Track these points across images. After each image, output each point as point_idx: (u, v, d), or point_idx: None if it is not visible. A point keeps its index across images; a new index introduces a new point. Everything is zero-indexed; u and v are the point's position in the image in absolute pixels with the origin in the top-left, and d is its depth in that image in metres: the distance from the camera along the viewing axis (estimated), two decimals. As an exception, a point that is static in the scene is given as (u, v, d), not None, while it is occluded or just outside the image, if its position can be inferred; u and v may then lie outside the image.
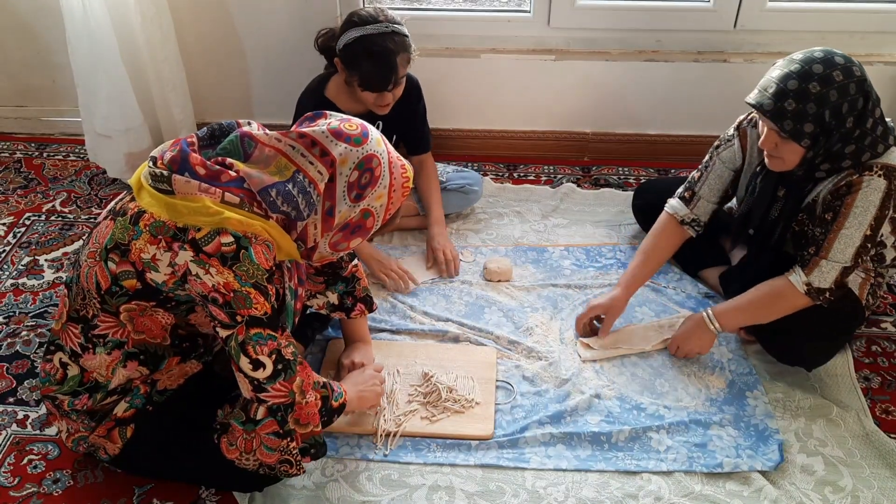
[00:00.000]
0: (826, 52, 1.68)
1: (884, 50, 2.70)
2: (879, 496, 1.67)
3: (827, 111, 1.65)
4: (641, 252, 2.08)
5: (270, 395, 1.43)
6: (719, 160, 2.02)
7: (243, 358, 1.40)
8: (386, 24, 2.05)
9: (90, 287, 1.43)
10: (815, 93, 1.64)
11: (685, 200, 2.06)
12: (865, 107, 1.67)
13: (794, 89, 1.65)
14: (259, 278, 1.37)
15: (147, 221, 1.37)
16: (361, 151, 1.43)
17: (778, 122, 1.68)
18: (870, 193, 1.71)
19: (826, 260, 1.76)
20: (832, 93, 1.64)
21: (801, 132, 1.67)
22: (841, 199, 1.74)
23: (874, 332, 2.11)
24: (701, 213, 2.05)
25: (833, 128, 1.66)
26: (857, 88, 1.65)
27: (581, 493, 1.68)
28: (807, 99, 1.65)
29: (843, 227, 1.73)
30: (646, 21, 2.70)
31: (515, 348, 2.05)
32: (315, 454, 1.55)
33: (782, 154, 1.75)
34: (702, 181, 2.04)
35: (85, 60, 2.50)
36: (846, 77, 1.64)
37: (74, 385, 1.53)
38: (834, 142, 1.68)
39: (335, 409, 1.59)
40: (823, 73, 1.64)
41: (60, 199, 2.67)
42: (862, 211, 1.72)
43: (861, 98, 1.66)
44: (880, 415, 1.87)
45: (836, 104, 1.64)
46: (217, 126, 1.50)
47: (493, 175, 2.82)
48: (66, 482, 1.70)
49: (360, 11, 2.09)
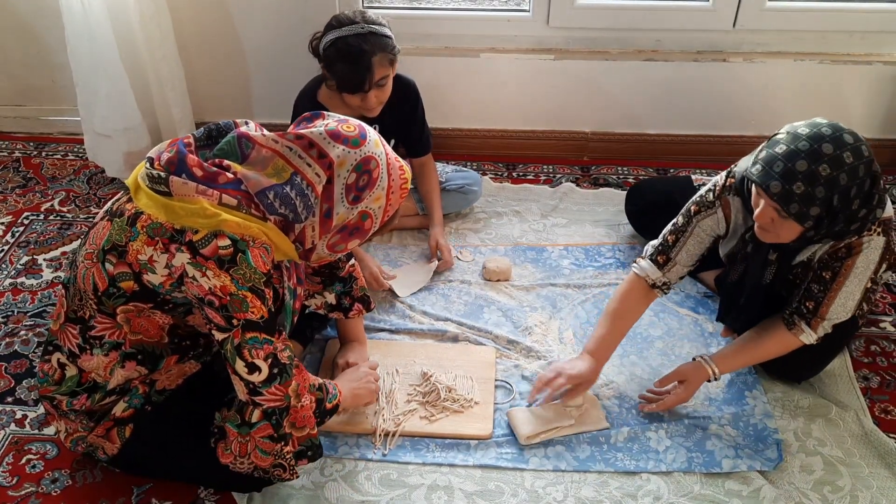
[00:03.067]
0: (833, 128, 1.55)
1: (883, 49, 2.70)
2: (878, 496, 1.67)
3: (836, 195, 1.51)
4: (608, 315, 1.91)
5: (265, 398, 1.43)
6: (700, 228, 1.87)
7: (239, 361, 1.39)
8: (362, 24, 2.03)
9: (87, 288, 1.43)
10: (825, 176, 1.50)
11: (658, 265, 1.89)
12: (873, 187, 1.57)
13: (803, 171, 1.50)
14: (256, 282, 1.36)
15: (144, 223, 1.37)
16: (359, 153, 1.42)
17: (784, 205, 1.54)
18: (870, 253, 1.66)
19: (827, 319, 1.72)
20: (842, 176, 1.50)
21: (806, 215, 1.53)
22: (841, 261, 1.68)
23: (873, 331, 2.11)
24: (672, 278, 1.92)
25: (839, 210, 1.55)
26: (866, 170, 1.54)
27: (580, 492, 1.68)
28: (816, 182, 1.50)
29: (844, 285, 1.68)
30: (645, 21, 2.70)
31: (514, 348, 2.04)
32: (312, 456, 1.55)
33: (778, 230, 1.62)
34: (678, 247, 1.88)
35: (84, 60, 2.50)
36: (856, 159, 1.51)
37: (73, 385, 1.53)
38: (838, 223, 1.58)
39: (328, 410, 1.59)
40: (834, 153, 1.50)
41: (59, 198, 2.67)
42: (863, 270, 1.67)
43: (869, 180, 1.55)
44: (879, 414, 1.87)
45: (846, 187, 1.51)
46: (214, 126, 1.49)
47: (492, 174, 2.82)
48: (65, 482, 1.70)
49: (340, 14, 2.07)
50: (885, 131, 2.79)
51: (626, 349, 2.04)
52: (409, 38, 2.76)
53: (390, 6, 2.86)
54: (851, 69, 2.68)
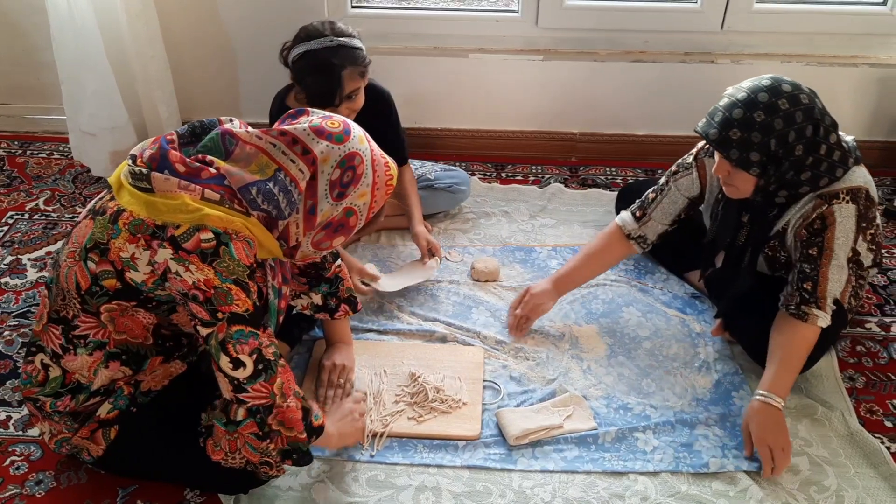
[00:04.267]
0: (773, 79, 1.67)
1: (869, 52, 2.71)
2: (864, 495, 1.67)
3: (773, 140, 1.64)
4: (582, 254, 2.06)
5: (250, 395, 1.41)
6: (675, 187, 2.00)
7: (223, 357, 1.38)
8: (331, 37, 1.98)
9: (70, 287, 1.42)
10: (760, 121, 1.63)
11: (636, 218, 2.04)
12: (816, 134, 1.66)
13: (738, 118, 1.65)
14: (240, 274, 1.36)
15: (126, 220, 1.35)
16: (343, 149, 1.42)
17: (724, 150, 1.68)
18: (845, 222, 1.72)
19: (829, 294, 1.75)
20: (777, 121, 1.63)
21: (748, 161, 1.67)
22: (821, 236, 1.73)
23: (859, 332, 2.12)
24: (649, 233, 2.03)
25: (781, 156, 1.65)
26: (805, 116, 1.63)
27: (568, 493, 1.67)
28: (751, 128, 1.64)
29: (833, 258, 1.73)
30: (633, 21, 2.71)
31: (502, 348, 2.04)
32: (297, 460, 1.51)
33: (735, 182, 1.75)
34: (655, 203, 2.02)
35: (70, 58, 2.48)
36: (792, 105, 1.63)
37: (56, 386, 1.51)
38: (785, 170, 1.67)
39: (314, 427, 1.53)
40: (769, 101, 1.63)
41: (44, 197, 2.65)
42: (843, 241, 1.73)
43: (810, 126, 1.64)
44: (865, 414, 1.88)
45: (782, 133, 1.63)
46: (198, 123, 1.48)
47: (480, 175, 2.81)
48: (49, 483, 1.69)
49: (309, 26, 2.02)
50: (871, 133, 2.81)
51: (613, 350, 2.04)
52: (398, 38, 2.77)
53: (379, 6, 2.86)
54: (838, 71, 2.69)
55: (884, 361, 2.04)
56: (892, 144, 2.83)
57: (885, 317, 2.18)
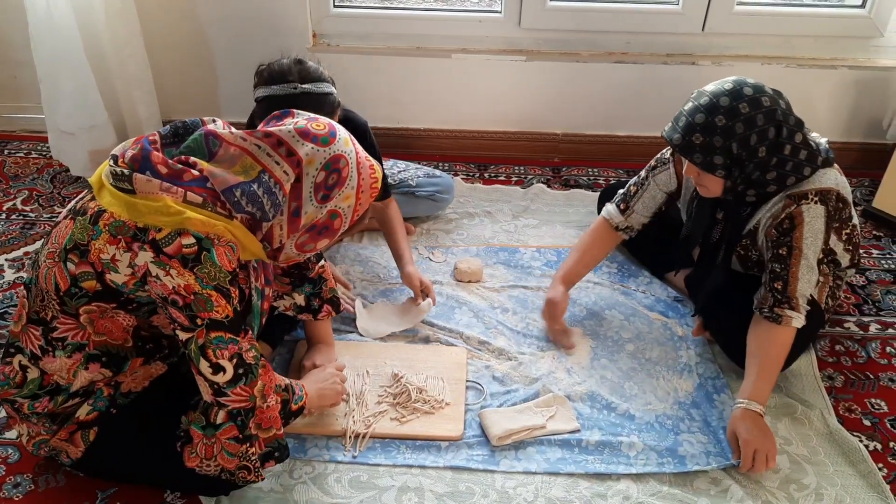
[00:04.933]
0: (736, 83, 1.70)
1: (847, 54, 2.75)
2: (842, 493, 1.69)
3: (734, 143, 1.67)
4: (577, 249, 2.14)
5: (231, 399, 1.41)
6: (654, 182, 2.05)
7: (203, 362, 1.37)
8: (294, 84, 1.83)
9: (49, 288, 1.40)
10: (721, 126, 1.67)
11: (620, 210, 2.10)
12: (779, 135, 1.69)
13: (700, 123, 1.68)
14: (221, 280, 1.35)
15: (107, 221, 1.34)
16: (329, 151, 1.41)
17: (688, 155, 1.72)
18: (813, 223, 1.74)
19: (799, 294, 1.77)
20: (738, 125, 1.66)
21: (712, 164, 1.71)
22: (789, 235, 1.76)
23: (837, 331, 2.15)
24: (634, 223, 2.10)
25: (745, 158, 1.69)
26: (766, 118, 1.67)
27: (550, 492, 1.68)
28: (713, 132, 1.67)
29: (802, 259, 1.76)
30: (615, 23, 2.72)
31: (485, 349, 2.04)
32: (279, 457, 1.53)
33: (704, 183, 1.79)
34: (636, 198, 2.08)
35: (48, 56, 2.45)
36: (753, 109, 1.66)
37: (34, 388, 1.49)
38: (750, 171, 1.71)
39: (294, 411, 1.57)
40: (730, 105, 1.66)
41: (22, 197, 2.62)
42: (812, 240, 1.75)
43: (772, 127, 1.67)
44: (843, 413, 1.90)
45: (744, 136, 1.67)
46: (181, 124, 1.47)
47: (463, 175, 2.81)
48: (27, 486, 1.67)
49: (273, 65, 1.87)
50: (849, 134, 2.85)
51: (596, 353, 2.05)
52: (381, 38, 2.76)
53: (361, 5, 2.85)
54: (817, 73, 2.72)
55: (862, 361, 2.06)
56: (869, 146, 2.87)
57: (863, 316, 2.20)
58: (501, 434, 1.76)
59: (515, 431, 1.77)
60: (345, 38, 2.77)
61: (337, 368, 1.84)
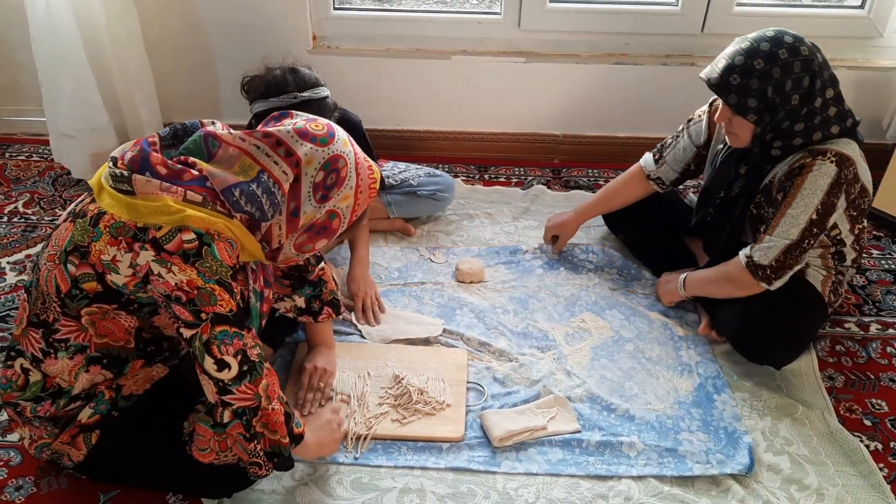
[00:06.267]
0: (778, 31, 1.75)
1: (847, 55, 2.75)
2: (843, 493, 1.69)
3: (770, 87, 1.71)
4: (606, 189, 2.26)
5: (236, 397, 1.41)
6: (687, 133, 2.11)
7: (208, 358, 1.37)
8: (294, 94, 1.89)
9: (50, 291, 1.40)
10: (759, 69, 1.71)
11: (655, 160, 2.17)
12: (812, 86, 1.72)
13: (739, 65, 1.73)
14: (223, 274, 1.35)
15: (107, 222, 1.34)
16: (327, 152, 1.42)
17: (723, 95, 1.76)
18: (819, 177, 1.76)
19: (770, 236, 1.81)
20: (776, 70, 1.70)
21: (745, 107, 1.74)
22: (791, 181, 1.79)
23: (838, 332, 2.15)
24: (664, 176, 2.16)
25: (778, 104, 1.72)
26: (803, 67, 1.71)
27: (552, 493, 1.68)
28: (750, 74, 1.71)
29: (791, 206, 1.78)
30: (615, 24, 2.73)
31: (486, 350, 2.05)
32: (278, 463, 1.50)
33: (735, 129, 1.82)
34: (670, 148, 2.15)
35: (49, 59, 2.46)
36: (791, 55, 1.71)
37: (37, 391, 1.50)
38: (781, 118, 1.74)
39: (296, 435, 1.52)
40: (770, 50, 1.71)
41: (23, 200, 2.62)
42: (809, 193, 1.76)
43: (807, 77, 1.71)
44: (844, 413, 1.90)
45: (780, 81, 1.71)
46: (180, 126, 1.47)
47: (463, 176, 2.82)
48: (29, 489, 1.67)
49: (269, 76, 1.91)
50: (849, 135, 2.85)
51: (597, 352, 2.05)
52: (381, 40, 2.76)
53: (361, 7, 2.86)
54: (816, 74, 2.72)
55: (862, 361, 2.06)
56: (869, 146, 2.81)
57: (863, 317, 2.20)
58: (502, 435, 1.76)
59: (516, 433, 1.77)
60: (345, 40, 2.77)
61: (333, 410, 1.73)
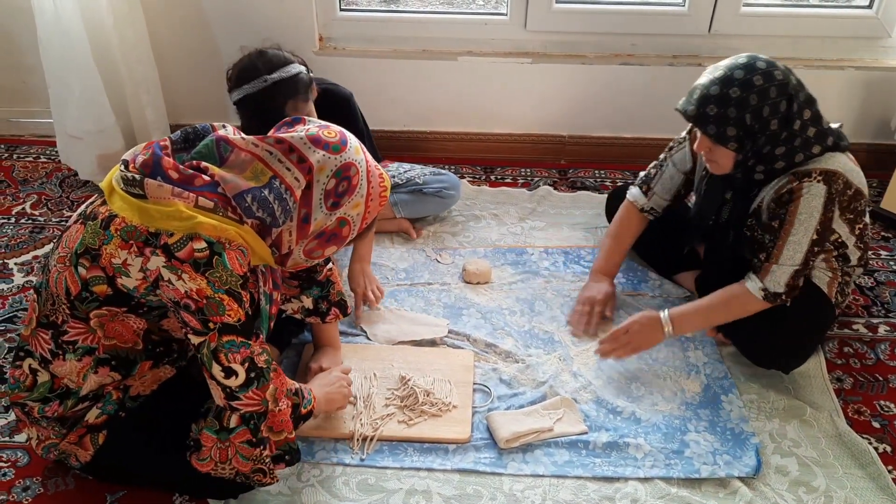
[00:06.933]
0: (750, 57, 1.74)
1: (855, 55, 2.74)
2: (852, 496, 1.68)
3: (748, 114, 1.70)
4: (609, 237, 2.21)
5: (243, 402, 1.41)
6: (671, 162, 2.10)
7: (215, 365, 1.38)
8: (265, 77, 1.92)
9: (59, 293, 1.41)
10: (736, 97, 1.70)
11: (643, 192, 2.16)
12: (790, 109, 1.72)
13: (715, 94, 1.72)
14: (233, 284, 1.35)
15: (118, 226, 1.34)
16: (340, 159, 1.42)
17: (702, 126, 1.76)
18: (811, 199, 1.75)
19: (777, 265, 1.80)
20: (752, 97, 1.70)
21: (725, 136, 1.73)
22: (785, 207, 1.78)
23: (846, 333, 2.14)
24: (656, 205, 2.16)
25: (757, 130, 1.72)
26: (779, 91, 1.70)
27: (558, 495, 1.67)
28: (727, 104, 1.71)
29: (791, 233, 1.77)
30: (621, 25, 2.72)
31: (492, 351, 2.04)
32: (290, 461, 1.54)
33: (716, 158, 1.81)
34: (656, 179, 2.13)
35: (56, 61, 2.47)
36: (766, 81, 1.70)
37: (45, 391, 1.50)
38: (761, 144, 1.74)
39: (303, 415, 1.58)
40: (744, 77, 1.70)
41: (31, 201, 2.63)
42: (806, 217, 1.76)
43: (784, 101, 1.71)
44: (852, 415, 1.90)
45: (757, 107, 1.70)
46: (191, 129, 1.47)
47: (470, 177, 2.82)
48: (36, 490, 1.67)
49: (239, 64, 1.96)
50: (856, 135, 2.83)
51: (603, 352, 2.05)
52: (387, 41, 2.77)
53: (367, 8, 2.86)
54: (824, 74, 2.71)
55: (871, 362, 2.05)
56: (877, 146, 2.85)
57: (872, 318, 2.19)
58: (509, 437, 1.76)
59: (523, 434, 1.77)
60: (351, 41, 2.78)
61: (342, 372, 1.84)
